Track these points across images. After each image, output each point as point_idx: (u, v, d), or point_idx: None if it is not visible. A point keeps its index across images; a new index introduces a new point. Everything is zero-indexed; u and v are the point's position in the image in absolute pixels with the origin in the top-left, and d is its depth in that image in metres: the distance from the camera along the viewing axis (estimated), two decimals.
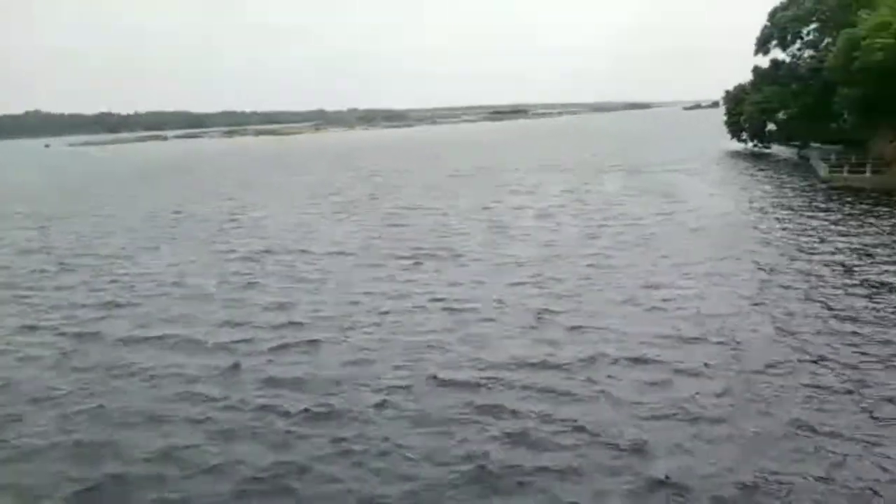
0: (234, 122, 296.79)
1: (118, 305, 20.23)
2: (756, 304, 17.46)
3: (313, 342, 16.00)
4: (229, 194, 49.00)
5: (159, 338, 16.92)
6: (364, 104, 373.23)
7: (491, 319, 17.07)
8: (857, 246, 23.67)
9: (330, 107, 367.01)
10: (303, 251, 26.76)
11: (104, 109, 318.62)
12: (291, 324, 17.48)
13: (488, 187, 44.87)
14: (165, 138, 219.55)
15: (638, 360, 13.91)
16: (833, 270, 20.58)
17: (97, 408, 13.05)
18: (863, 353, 13.92)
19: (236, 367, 14.71)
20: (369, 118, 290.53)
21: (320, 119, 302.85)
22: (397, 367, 14.20)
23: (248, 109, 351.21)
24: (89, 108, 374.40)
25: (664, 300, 17.94)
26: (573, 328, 16.08)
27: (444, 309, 17.98)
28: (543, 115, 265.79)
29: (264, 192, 49.28)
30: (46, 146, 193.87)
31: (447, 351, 15.05)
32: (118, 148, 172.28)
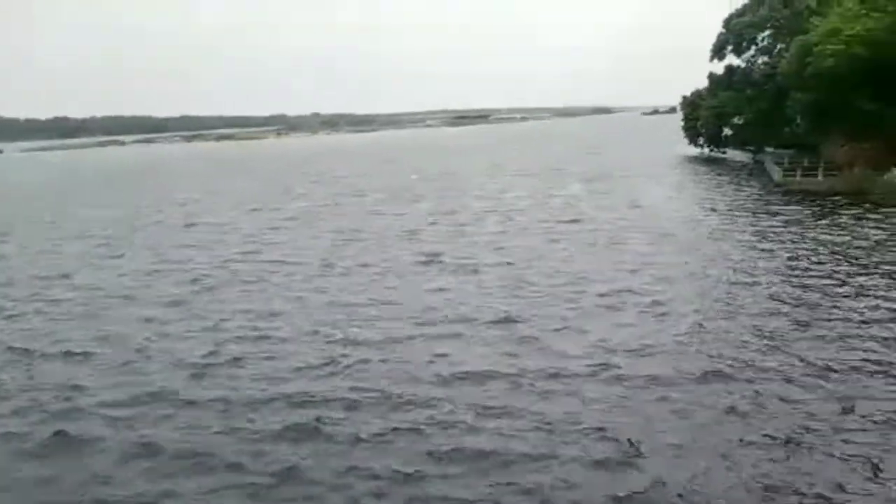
0: (194, 127, 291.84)
1: (74, 318, 19.73)
2: (720, 306, 17.81)
3: (271, 355, 15.80)
4: (190, 200, 48.30)
5: (115, 352, 16.55)
6: (327, 108, 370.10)
7: (456, 326, 17.04)
8: (812, 247, 24.35)
9: (292, 111, 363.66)
10: (262, 260, 26.43)
11: (60, 114, 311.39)
12: (251, 336, 17.18)
13: (452, 193, 44.92)
14: (123, 143, 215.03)
15: (603, 367, 13.94)
16: (792, 270, 21.19)
17: (43, 424, 12.68)
18: (823, 350, 14.34)
19: (194, 379, 14.47)
20: (332, 123, 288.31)
21: (282, 123, 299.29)
22: (361, 377, 14.04)
23: (207, 114, 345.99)
24: (45, 113, 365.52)
25: (628, 304, 18.14)
26: (539, 335, 16.12)
27: (410, 318, 17.86)
28: (506, 120, 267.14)
29: (226, 198, 48.58)
30: (0, 152, 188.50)
31: (411, 361, 14.93)
32: (75, 153, 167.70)
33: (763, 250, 24.35)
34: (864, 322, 16.10)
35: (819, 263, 22.09)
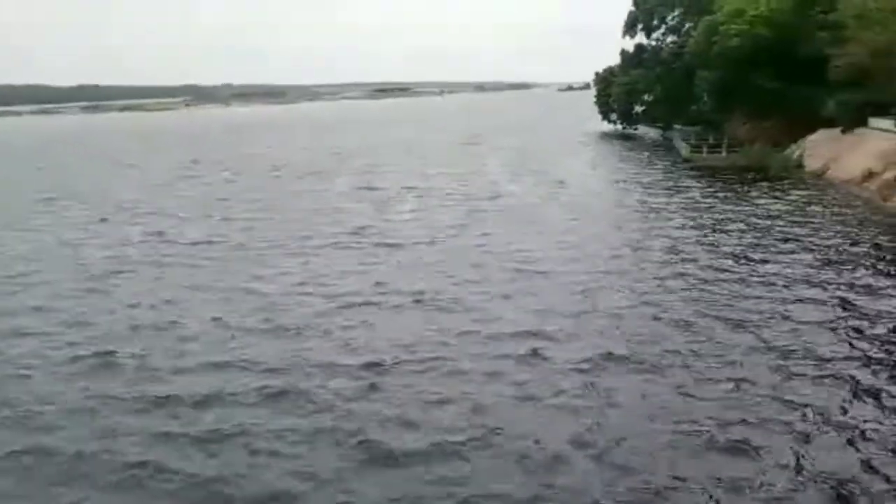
0: (95, 98, 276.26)
1: None
2: (634, 274, 18.40)
3: (185, 337, 15.27)
4: (97, 176, 45.81)
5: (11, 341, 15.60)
6: (239, 79, 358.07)
7: (373, 303, 16.88)
8: (717, 219, 25.57)
9: (202, 82, 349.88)
10: (169, 241, 25.24)
11: None
12: (161, 322, 16.40)
13: (374, 169, 44.33)
14: (20, 114, 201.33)
15: (527, 345, 13.98)
16: (697, 241, 22.22)
17: None
18: (725, 307, 15.08)
19: (102, 371, 13.80)
20: (245, 94, 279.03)
21: (192, 94, 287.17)
22: (281, 357, 13.70)
23: (110, 83, 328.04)
24: None
25: (548, 277, 18.44)
26: (458, 309, 16.20)
27: (327, 296, 17.52)
28: (426, 93, 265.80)
29: (134, 175, 46.38)
30: None
31: (329, 339, 14.70)
32: None
33: (670, 223, 25.29)
34: (765, 283, 17.29)
35: (723, 233, 23.25)
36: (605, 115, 69.90)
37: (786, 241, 22.06)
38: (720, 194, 31.12)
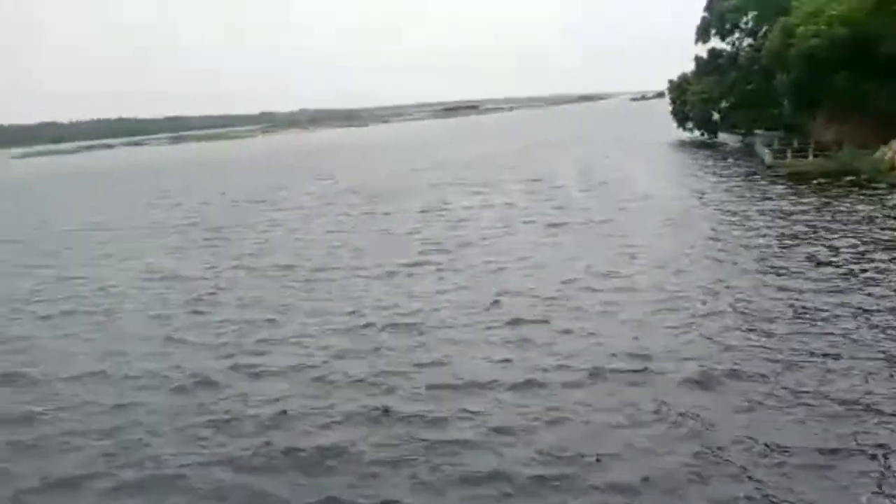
0: (178, 128, 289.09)
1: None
2: (721, 288, 18.25)
3: (268, 353, 16.02)
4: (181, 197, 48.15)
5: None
6: (313, 104, 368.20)
7: (456, 331, 16.80)
8: (810, 226, 24.98)
9: (278, 108, 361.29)
10: (262, 264, 26.46)
11: (46, 119, 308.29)
12: (236, 350, 16.86)
13: (445, 186, 44.77)
14: (111, 147, 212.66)
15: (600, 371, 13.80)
16: (791, 250, 21.77)
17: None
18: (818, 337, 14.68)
19: (202, 389, 14.77)
20: (320, 119, 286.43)
21: (269, 121, 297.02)
22: (351, 399, 13.41)
23: (192, 114, 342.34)
24: (30, 118, 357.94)
25: (638, 294, 18.38)
26: (545, 338, 15.95)
27: (407, 325, 17.37)
28: (495, 109, 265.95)
29: (222, 204, 48.52)
30: None
31: (408, 376, 14.31)
32: (72, 158, 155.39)
33: (760, 232, 24.81)
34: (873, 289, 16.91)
35: (819, 241, 22.72)
36: (682, 124, 68.38)
37: (887, 247, 21.34)
38: (811, 201, 30.13)
